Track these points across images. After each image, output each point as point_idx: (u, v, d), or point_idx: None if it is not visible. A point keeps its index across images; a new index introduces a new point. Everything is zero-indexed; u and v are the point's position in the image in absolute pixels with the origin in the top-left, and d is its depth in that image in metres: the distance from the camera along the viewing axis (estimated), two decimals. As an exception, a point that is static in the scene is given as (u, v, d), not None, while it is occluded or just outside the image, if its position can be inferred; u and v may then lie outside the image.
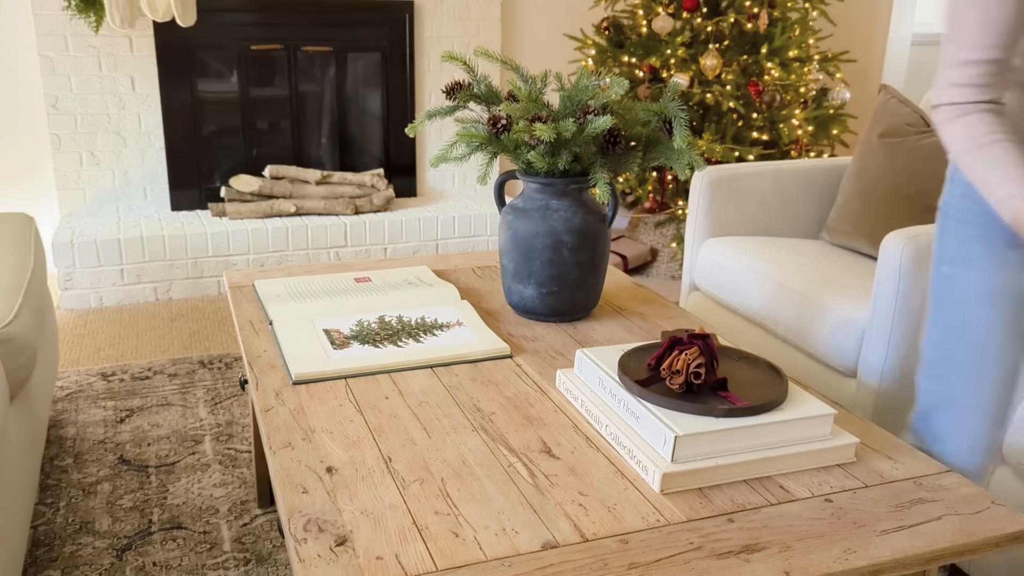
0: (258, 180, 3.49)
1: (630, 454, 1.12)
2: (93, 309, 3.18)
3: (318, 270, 1.86)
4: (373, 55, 3.72)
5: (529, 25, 4.00)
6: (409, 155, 3.87)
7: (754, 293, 2.26)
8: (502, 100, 1.57)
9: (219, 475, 2.03)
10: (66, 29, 3.25)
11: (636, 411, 1.14)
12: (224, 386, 2.52)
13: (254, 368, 1.38)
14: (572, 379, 1.30)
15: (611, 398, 1.20)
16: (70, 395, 2.44)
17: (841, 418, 1.26)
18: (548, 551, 0.95)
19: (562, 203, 1.53)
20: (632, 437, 1.13)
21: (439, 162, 1.53)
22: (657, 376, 1.20)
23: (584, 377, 1.28)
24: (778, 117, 3.45)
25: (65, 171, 3.41)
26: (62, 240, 3.12)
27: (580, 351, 1.30)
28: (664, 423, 1.09)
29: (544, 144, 1.45)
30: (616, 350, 1.29)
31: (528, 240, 1.54)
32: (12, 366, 1.59)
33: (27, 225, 2.18)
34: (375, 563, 0.92)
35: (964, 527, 1.01)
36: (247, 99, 3.58)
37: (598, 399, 1.23)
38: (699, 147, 3.39)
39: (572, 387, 1.28)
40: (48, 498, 1.93)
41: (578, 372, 1.30)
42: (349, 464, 1.11)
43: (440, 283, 1.76)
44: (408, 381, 1.35)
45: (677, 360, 1.17)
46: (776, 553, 0.95)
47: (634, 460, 1.11)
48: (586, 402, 1.24)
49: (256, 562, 1.72)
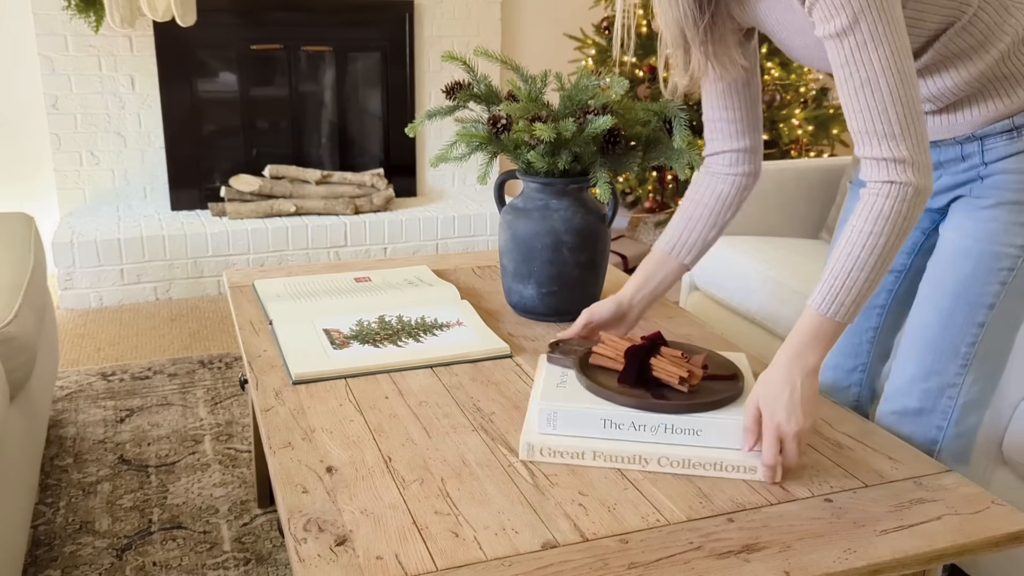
0: (258, 180, 3.49)
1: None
2: (93, 309, 3.18)
3: (318, 270, 1.86)
4: (373, 55, 3.72)
5: (529, 25, 4.00)
6: (409, 155, 3.87)
7: (754, 293, 2.26)
8: (502, 100, 1.57)
9: (219, 475, 2.03)
10: (66, 29, 3.24)
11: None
12: (224, 386, 2.52)
13: (254, 368, 1.38)
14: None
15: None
16: (70, 395, 2.44)
17: (841, 417, 1.26)
18: (548, 551, 0.95)
19: (562, 203, 1.53)
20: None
21: (439, 162, 1.53)
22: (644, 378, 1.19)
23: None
24: (778, 117, 3.45)
25: (65, 171, 3.41)
26: (62, 240, 3.12)
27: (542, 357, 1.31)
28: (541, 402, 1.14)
29: (544, 144, 1.45)
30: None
31: (528, 240, 1.53)
32: (12, 366, 1.59)
33: (27, 225, 2.18)
34: (375, 563, 0.92)
35: (964, 527, 1.01)
36: (247, 99, 3.58)
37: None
38: (699, 147, 3.39)
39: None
40: (48, 498, 1.93)
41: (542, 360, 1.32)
42: (349, 464, 1.11)
43: (440, 283, 1.76)
44: (408, 381, 1.34)
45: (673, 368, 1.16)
46: (776, 553, 0.95)
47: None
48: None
49: (256, 562, 1.72)
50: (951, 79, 1.17)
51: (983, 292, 1.21)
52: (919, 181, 1.05)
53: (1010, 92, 1.15)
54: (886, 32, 1.02)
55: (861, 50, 1.04)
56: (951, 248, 1.24)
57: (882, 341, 1.45)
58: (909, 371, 1.29)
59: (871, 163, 1.07)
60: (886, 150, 1.05)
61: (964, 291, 1.22)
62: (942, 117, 1.22)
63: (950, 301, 1.24)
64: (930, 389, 1.27)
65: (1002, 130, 1.17)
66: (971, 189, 1.23)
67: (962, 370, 1.25)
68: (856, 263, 1.06)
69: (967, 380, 1.26)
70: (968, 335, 1.23)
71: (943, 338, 1.25)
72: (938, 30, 1.14)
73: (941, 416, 1.28)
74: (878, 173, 1.06)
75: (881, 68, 1.03)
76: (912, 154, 1.04)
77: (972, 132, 1.19)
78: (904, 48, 1.03)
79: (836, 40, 1.05)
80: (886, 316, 1.43)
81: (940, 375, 1.26)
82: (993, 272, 1.20)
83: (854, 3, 1.02)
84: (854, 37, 1.03)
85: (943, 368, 1.26)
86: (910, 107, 1.04)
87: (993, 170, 1.19)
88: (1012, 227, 1.18)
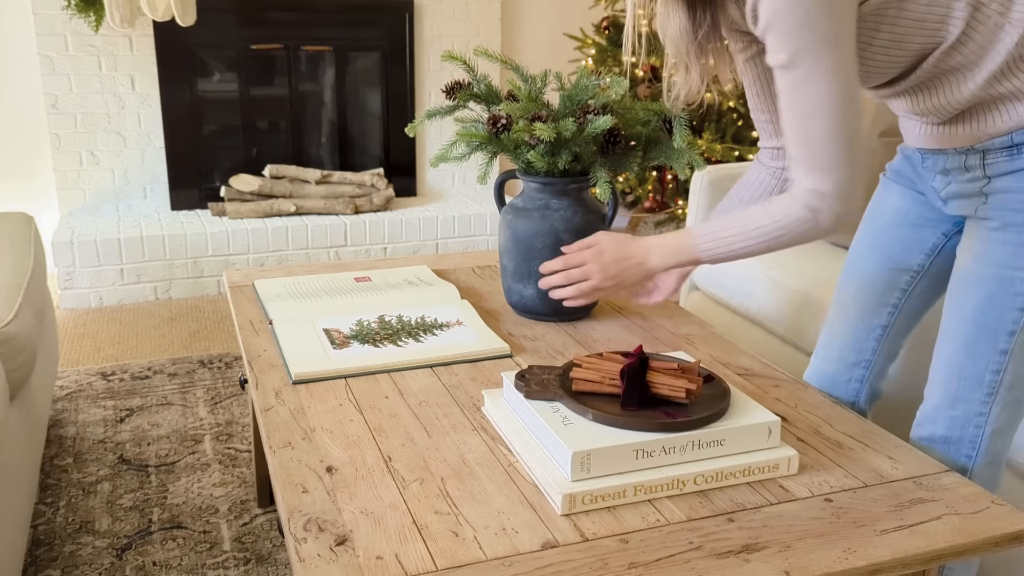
0: (258, 180, 3.49)
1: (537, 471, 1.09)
2: (93, 309, 3.18)
3: (318, 270, 1.86)
4: (373, 55, 3.72)
5: (529, 25, 4.00)
6: (409, 154, 3.87)
7: (754, 293, 2.26)
8: (502, 99, 1.57)
9: (219, 475, 2.03)
10: (66, 29, 3.24)
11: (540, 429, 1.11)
12: (224, 386, 2.52)
13: (254, 368, 1.38)
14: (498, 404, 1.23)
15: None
16: (70, 395, 2.44)
17: (841, 417, 1.26)
18: (548, 551, 0.95)
19: (562, 203, 1.53)
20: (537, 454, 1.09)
21: (439, 162, 1.53)
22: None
23: (509, 402, 1.22)
24: (778, 117, 3.44)
25: (65, 171, 3.41)
26: (62, 240, 3.12)
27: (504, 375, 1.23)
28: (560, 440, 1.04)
29: (544, 144, 1.45)
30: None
31: (528, 239, 1.53)
32: (12, 366, 1.59)
33: (27, 224, 2.18)
34: (375, 563, 0.92)
35: (964, 527, 1.01)
36: (247, 99, 3.58)
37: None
38: (699, 147, 3.39)
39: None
40: (48, 498, 1.93)
41: (505, 397, 1.24)
42: (349, 464, 1.11)
43: (440, 283, 1.76)
44: (408, 381, 1.34)
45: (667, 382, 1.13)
46: (776, 553, 0.95)
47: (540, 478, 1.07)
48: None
49: (256, 562, 1.72)
50: (946, 96, 1.17)
51: (1003, 319, 1.19)
52: (838, 210, 1.13)
53: (1008, 109, 1.14)
54: (827, 70, 1.06)
55: (801, 85, 1.08)
56: (966, 272, 1.23)
57: (891, 340, 1.43)
58: (936, 397, 1.28)
59: (799, 186, 1.14)
60: (813, 181, 1.12)
61: (983, 317, 1.20)
62: (943, 128, 1.22)
63: (971, 328, 1.22)
64: (956, 417, 1.25)
65: (1001, 146, 1.16)
66: (977, 210, 1.22)
67: (988, 399, 1.23)
68: (748, 237, 1.20)
69: (994, 409, 1.23)
70: (992, 362, 1.21)
71: (966, 366, 1.23)
72: (923, 51, 1.14)
73: (970, 445, 1.25)
74: (803, 196, 1.14)
75: (818, 105, 1.08)
76: (837, 188, 1.11)
77: (972, 145, 1.19)
78: (845, 87, 1.07)
79: (780, 71, 1.09)
80: (897, 316, 1.41)
81: (966, 403, 1.24)
82: (1010, 297, 1.18)
83: (798, 40, 1.05)
84: (796, 71, 1.07)
85: (969, 396, 1.23)
86: (843, 144, 1.09)
87: (996, 187, 1.18)
88: (1021, 250, 1.16)
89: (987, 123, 1.16)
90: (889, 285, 1.40)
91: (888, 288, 1.40)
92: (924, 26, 1.11)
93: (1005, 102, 1.14)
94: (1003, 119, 1.15)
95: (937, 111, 1.20)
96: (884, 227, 1.39)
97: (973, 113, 1.17)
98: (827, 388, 1.49)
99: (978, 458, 1.26)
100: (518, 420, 1.17)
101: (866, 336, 1.44)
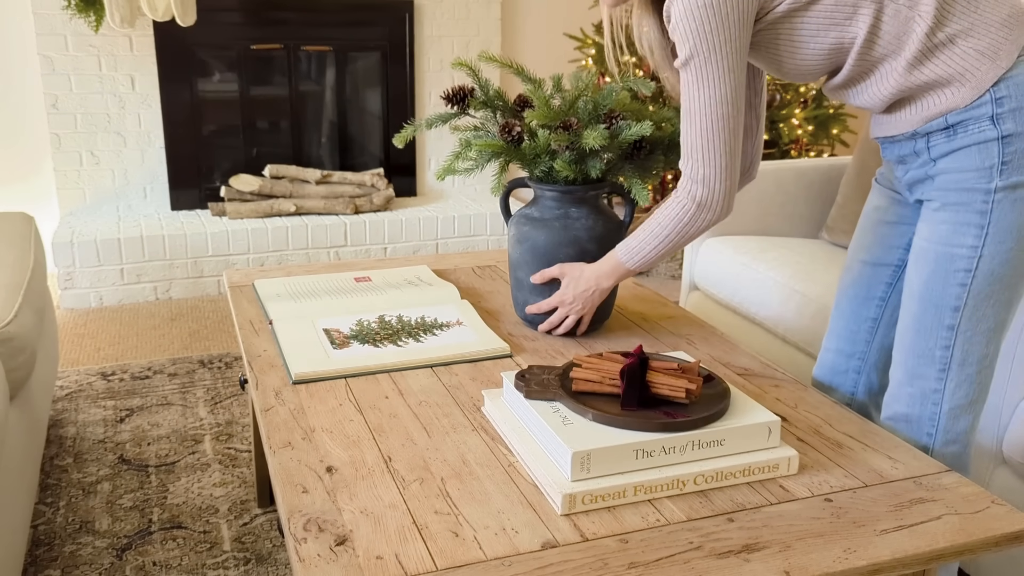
0: (258, 180, 3.49)
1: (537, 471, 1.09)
2: (93, 309, 3.18)
3: (318, 270, 1.86)
4: (373, 55, 3.72)
5: (529, 25, 4.00)
6: (409, 155, 3.87)
7: (754, 293, 2.26)
8: (510, 106, 1.55)
9: (219, 475, 2.03)
10: (66, 29, 3.25)
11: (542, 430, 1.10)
12: (224, 386, 2.52)
13: (254, 368, 1.38)
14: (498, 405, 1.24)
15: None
16: (70, 395, 2.44)
17: (841, 417, 1.26)
18: (548, 551, 0.95)
19: (581, 211, 1.49)
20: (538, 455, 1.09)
21: (445, 174, 1.50)
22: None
23: (508, 402, 1.22)
24: (778, 117, 3.45)
25: (65, 171, 3.41)
26: (62, 240, 3.12)
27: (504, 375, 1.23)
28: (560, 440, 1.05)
29: (572, 152, 1.43)
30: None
31: (551, 251, 1.48)
32: (12, 366, 1.59)
33: (27, 225, 2.18)
34: (375, 563, 0.92)
35: (964, 527, 1.01)
36: (247, 99, 3.58)
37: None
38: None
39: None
40: (48, 498, 1.93)
41: (505, 397, 1.24)
42: (349, 464, 1.11)
43: (440, 283, 1.76)
44: (408, 381, 1.35)
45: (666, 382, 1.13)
46: (776, 553, 0.95)
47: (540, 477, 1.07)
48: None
49: (256, 562, 1.72)
50: (877, 85, 1.25)
51: (944, 294, 1.24)
52: (706, 201, 1.27)
53: (937, 94, 1.21)
54: (714, 75, 1.20)
55: (690, 86, 1.22)
56: (915, 252, 1.29)
57: (883, 333, 1.47)
58: (897, 375, 1.33)
59: (682, 178, 1.29)
60: (690, 170, 1.27)
61: (928, 293, 1.25)
62: (888, 116, 1.29)
63: (917, 304, 1.27)
64: (914, 394, 1.29)
65: (939, 128, 1.22)
66: (924, 191, 1.28)
67: (941, 375, 1.27)
68: (655, 237, 1.34)
69: (948, 386, 1.27)
70: (940, 338, 1.26)
71: (916, 341, 1.28)
72: (841, 46, 1.22)
73: (929, 423, 1.29)
74: (683, 185, 1.29)
75: (701, 105, 1.22)
76: (709, 181, 1.26)
77: (915, 129, 1.24)
78: (725, 93, 1.21)
79: (680, 70, 1.23)
80: (885, 308, 1.45)
81: (921, 379, 1.28)
82: (950, 273, 1.23)
83: (689, 44, 1.19)
84: (687, 73, 1.22)
85: (922, 372, 1.28)
86: (718, 144, 1.23)
87: (939, 169, 1.23)
88: (958, 227, 1.21)
89: (922, 107, 1.22)
90: (874, 280, 1.45)
91: (873, 283, 1.45)
92: (834, 23, 1.20)
93: (932, 88, 1.20)
94: (935, 102, 1.21)
95: (875, 100, 1.26)
96: (868, 226, 1.45)
97: (907, 100, 1.24)
98: (829, 378, 1.53)
99: (938, 436, 1.29)
100: (518, 420, 1.17)
101: (858, 328, 1.49)
